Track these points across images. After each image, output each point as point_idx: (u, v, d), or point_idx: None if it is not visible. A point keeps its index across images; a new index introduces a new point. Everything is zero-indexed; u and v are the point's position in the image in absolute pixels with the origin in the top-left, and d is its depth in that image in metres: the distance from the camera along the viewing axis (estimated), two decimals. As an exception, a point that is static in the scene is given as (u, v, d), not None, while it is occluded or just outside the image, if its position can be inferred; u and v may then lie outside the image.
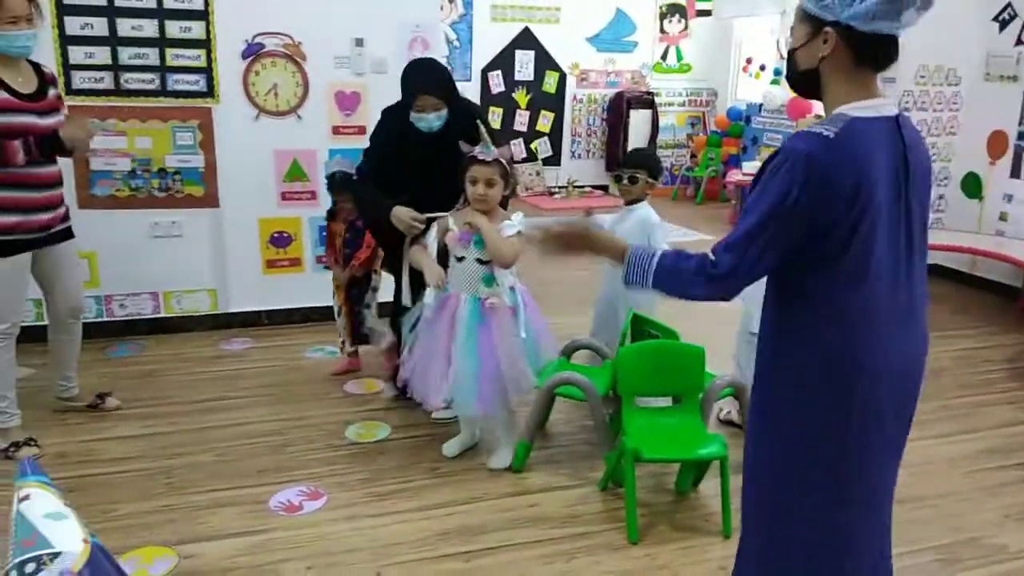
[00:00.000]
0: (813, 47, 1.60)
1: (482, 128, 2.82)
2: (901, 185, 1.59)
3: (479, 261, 2.88)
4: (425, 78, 3.12)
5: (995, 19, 5.55)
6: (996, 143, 5.64)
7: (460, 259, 2.92)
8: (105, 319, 4.37)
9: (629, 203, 3.43)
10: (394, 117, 3.23)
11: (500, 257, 2.82)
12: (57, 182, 3.14)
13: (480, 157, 2.80)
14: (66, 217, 3.24)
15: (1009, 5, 5.46)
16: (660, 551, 2.61)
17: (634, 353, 2.92)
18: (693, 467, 2.92)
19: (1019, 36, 5.41)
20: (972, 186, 5.88)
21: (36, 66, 3.07)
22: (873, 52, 1.56)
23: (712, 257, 1.59)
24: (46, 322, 3.37)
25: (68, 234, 3.25)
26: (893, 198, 1.58)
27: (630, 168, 3.40)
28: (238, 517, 2.74)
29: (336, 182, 3.76)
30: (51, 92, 3.09)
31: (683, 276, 1.63)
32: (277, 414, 3.53)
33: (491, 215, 2.88)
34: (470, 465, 3.13)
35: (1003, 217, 5.61)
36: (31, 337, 3.43)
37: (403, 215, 3.09)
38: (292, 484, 2.94)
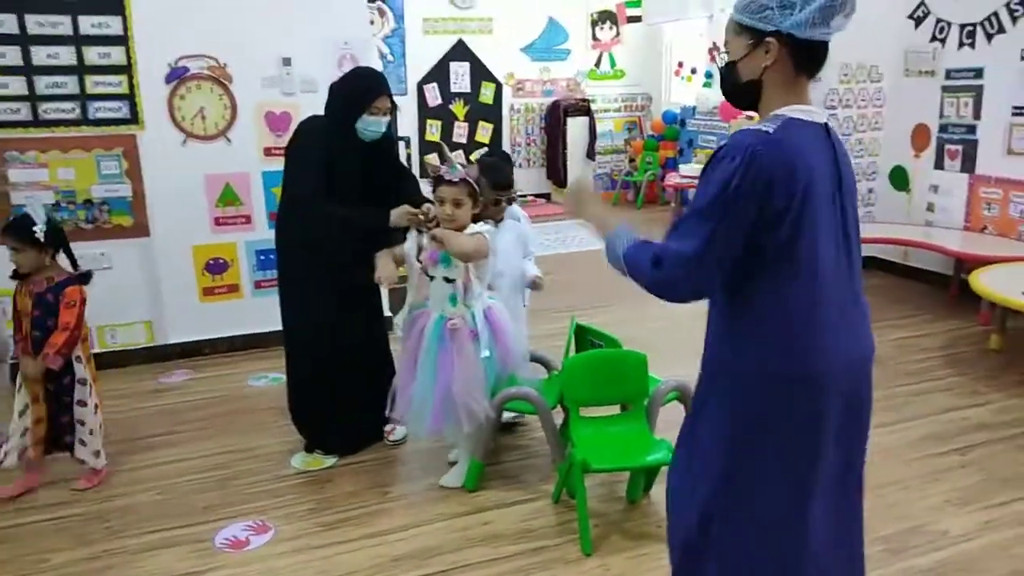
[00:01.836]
0: (755, 58, 1.64)
1: (445, 148, 2.82)
2: (836, 189, 1.64)
3: (445, 279, 2.86)
4: (380, 81, 3.09)
5: (910, 16, 5.75)
6: (919, 136, 5.83)
7: (432, 278, 2.91)
8: (35, 358, 4.19)
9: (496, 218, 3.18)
10: (325, 130, 3.09)
11: (459, 249, 2.75)
12: None
13: (447, 177, 2.78)
14: None
15: (922, 3, 5.66)
16: (615, 561, 2.60)
17: (578, 364, 2.92)
18: (643, 474, 2.93)
19: (933, 32, 5.61)
20: (899, 179, 6.06)
21: None
22: (810, 58, 1.62)
23: (661, 246, 1.62)
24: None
25: None
26: (830, 200, 1.62)
27: (510, 188, 3.20)
28: (181, 558, 2.64)
29: (53, 228, 2.94)
30: None
31: (641, 264, 1.65)
32: (221, 447, 3.43)
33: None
34: (421, 487, 3.09)
35: (930, 208, 5.80)
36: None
37: (403, 211, 3.00)
38: (238, 519, 2.86)
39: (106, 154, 4.13)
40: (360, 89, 3.05)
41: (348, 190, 3.07)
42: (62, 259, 3.03)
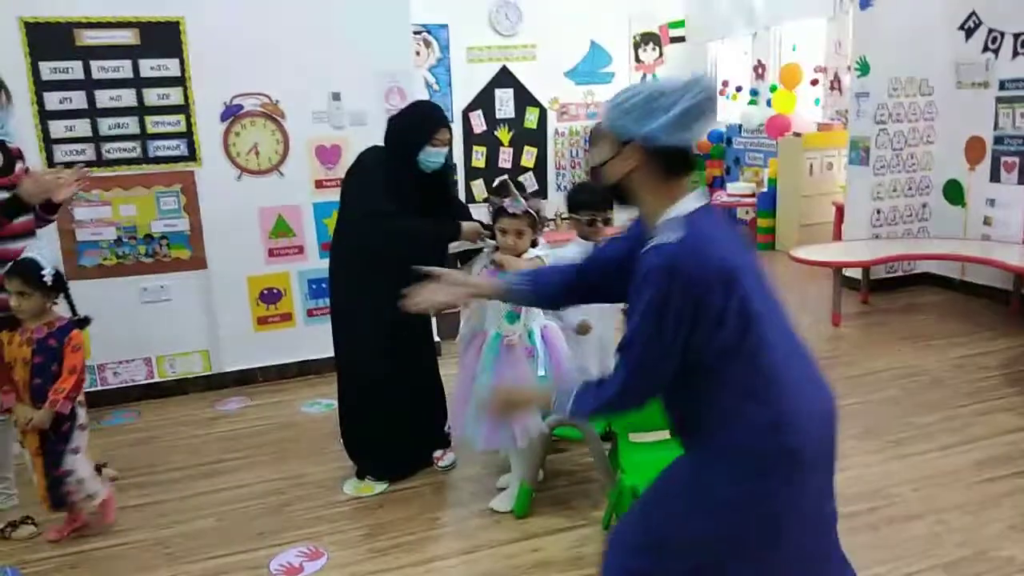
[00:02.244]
0: (618, 162, 1.69)
1: (510, 184, 2.91)
2: (751, 254, 1.71)
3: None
4: (441, 114, 3.23)
5: (961, 27, 5.64)
6: (973, 149, 5.70)
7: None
8: (99, 388, 4.35)
9: (592, 239, 3.22)
10: (386, 160, 3.18)
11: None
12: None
13: (510, 210, 2.90)
14: None
15: (973, 13, 5.55)
16: (666, 588, 2.57)
17: (626, 389, 2.91)
18: (694, 499, 2.90)
19: (985, 43, 5.49)
20: (954, 193, 5.92)
21: (1, 144, 3.02)
22: (673, 162, 1.66)
23: (609, 390, 1.67)
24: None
25: None
26: (752, 270, 1.67)
27: (602, 210, 3.18)
28: (239, 584, 2.71)
29: (57, 273, 2.91)
30: (18, 167, 3.09)
31: (601, 407, 1.71)
32: (275, 473, 3.50)
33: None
34: (470, 513, 3.11)
35: (987, 221, 5.64)
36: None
37: (474, 227, 3.15)
38: (292, 545, 2.92)
39: (165, 190, 4.30)
40: (422, 122, 3.16)
41: (406, 211, 3.16)
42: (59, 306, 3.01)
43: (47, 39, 3.99)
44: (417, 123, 3.16)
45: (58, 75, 4.04)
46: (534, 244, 3.04)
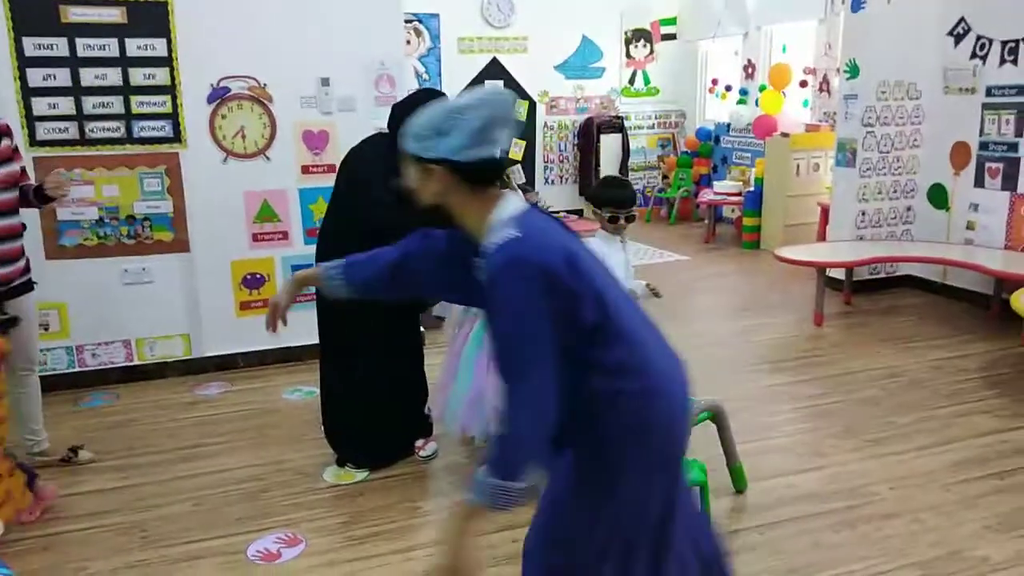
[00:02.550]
0: (427, 184, 1.70)
1: (510, 178, 2.89)
2: (582, 243, 1.73)
3: None
4: (436, 98, 3.17)
5: (949, 33, 5.68)
6: (959, 154, 5.75)
7: None
8: (77, 369, 4.31)
9: (617, 235, 3.30)
10: (391, 146, 3.15)
11: None
12: (16, 235, 3.11)
13: None
14: (27, 270, 3.21)
15: (962, 20, 5.59)
16: (644, 581, 2.58)
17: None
18: (674, 494, 2.91)
19: (973, 49, 5.53)
20: (938, 197, 5.97)
21: None
22: (480, 175, 1.67)
23: (512, 420, 1.58)
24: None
25: (28, 287, 3.21)
26: (590, 254, 1.71)
27: (627, 207, 3.26)
28: (215, 570, 2.69)
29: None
30: (4, 143, 3.07)
31: (510, 452, 1.58)
32: (255, 459, 3.48)
33: None
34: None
35: (970, 226, 5.69)
36: None
37: None
38: (270, 531, 2.90)
39: (149, 172, 4.25)
40: (418, 108, 3.12)
41: (410, 200, 3.14)
42: None
43: (31, 14, 3.93)
44: (415, 108, 3.13)
45: (42, 51, 3.98)
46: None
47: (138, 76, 4.14)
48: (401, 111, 3.22)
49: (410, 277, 1.91)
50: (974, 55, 5.54)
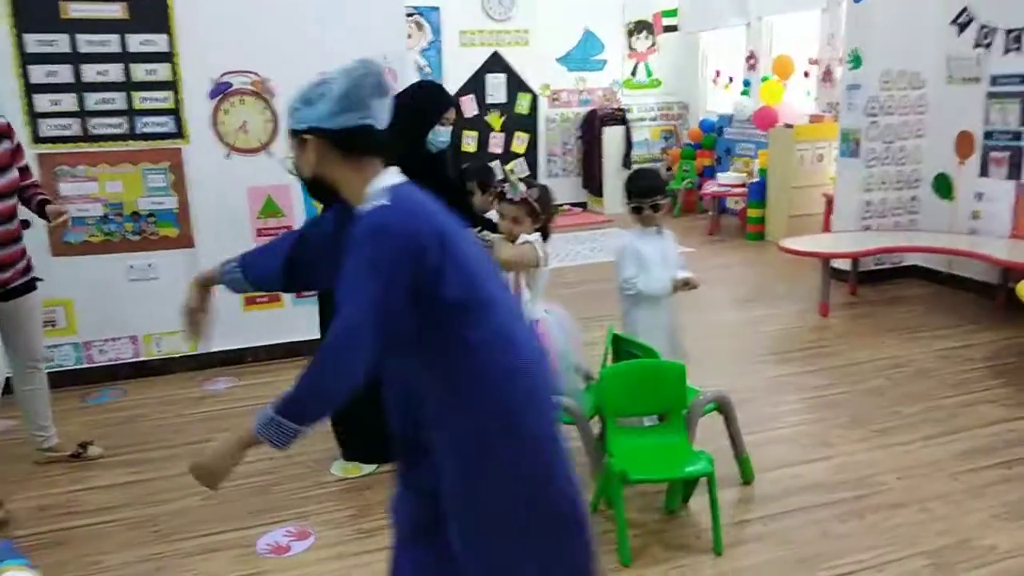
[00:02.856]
0: (304, 156, 1.72)
1: (508, 173, 2.93)
2: (461, 226, 1.76)
3: None
4: (448, 94, 3.28)
5: (953, 22, 5.65)
6: (963, 143, 5.73)
7: None
8: (85, 366, 4.32)
9: (650, 226, 3.33)
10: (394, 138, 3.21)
11: (498, 256, 2.92)
12: (13, 240, 3.09)
13: (509, 196, 2.96)
14: (27, 270, 3.20)
15: (966, 9, 5.57)
16: (652, 572, 2.59)
17: (615, 374, 2.92)
18: (681, 485, 2.92)
19: (977, 38, 5.51)
20: (943, 187, 5.95)
21: None
22: (353, 142, 1.69)
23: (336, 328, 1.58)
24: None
25: (29, 287, 3.20)
26: (466, 237, 1.74)
27: (648, 196, 3.29)
28: (226, 563, 2.70)
29: None
30: (4, 146, 3.04)
31: (314, 368, 1.59)
32: (264, 453, 3.41)
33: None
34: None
35: (975, 215, 5.68)
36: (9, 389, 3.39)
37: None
38: (279, 524, 2.91)
39: (153, 167, 4.25)
40: (432, 102, 3.20)
41: None
42: None
43: (32, 11, 3.93)
44: (427, 103, 3.19)
45: (44, 48, 3.98)
46: (544, 232, 3.06)
47: (140, 72, 4.14)
48: (405, 103, 3.23)
49: (306, 268, 1.90)
50: (978, 44, 5.52)
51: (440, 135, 3.16)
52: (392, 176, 1.73)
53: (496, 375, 1.70)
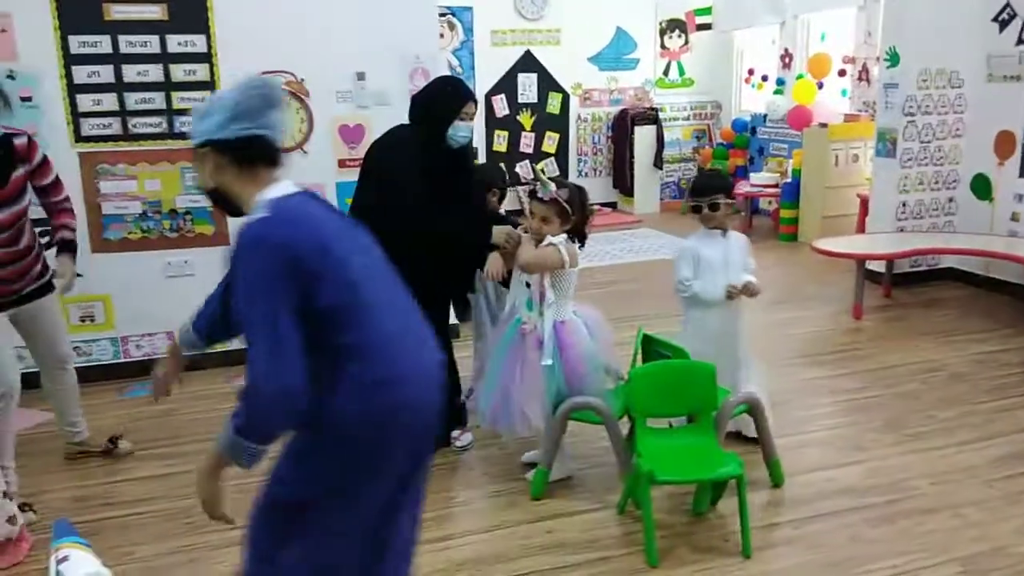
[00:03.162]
0: (202, 168, 1.78)
1: (538, 172, 2.95)
2: (356, 234, 1.80)
3: (526, 284, 3.02)
4: (467, 88, 3.28)
5: (995, 19, 5.54)
6: (1003, 143, 5.61)
7: (524, 283, 3.08)
8: (122, 360, 4.42)
9: (715, 228, 3.28)
10: (416, 139, 3.17)
11: (520, 258, 2.97)
12: (23, 256, 3.02)
13: (539, 195, 2.96)
14: (41, 275, 3.15)
15: (1008, 5, 5.45)
16: (680, 573, 2.59)
17: (645, 374, 2.92)
18: (710, 487, 2.90)
19: (1019, 36, 5.39)
20: (981, 188, 5.84)
21: (7, 144, 2.89)
22: (244, 153, 1.72)
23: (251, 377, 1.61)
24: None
25: (45, 290, 3.16)
26: (355, 246, 1.75)
27: (704, 195, 3.24)
28: (257, 555, 2.74)
29: None
30: (17, 172, 2.92)
31: (246, 409, 1.64)
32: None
33: None
34: (485, 493, 3.13)
35: (1015, 217, 5.56)
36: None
37: (503, 231, 3.16)
38: (310, 519, 2.94)
39: (190, 166, 4.33)
40: (451, 97, 3.18)
41: (439, 196, 3.16)
42: None
43: (76, 12, 4.02)
44: (446, 98, 3.18)
45: (86, 49, 4.07)
46: (581, 235, 3.06)
47: (179, 72, 4.22)
48: (423, 99, 3.25)
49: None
50: (1020, 41, 5.40)
51: (460, 130, 3.14)
52: (282, 187, 1.76)
53: (356, 385, 1.68)
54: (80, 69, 4.08)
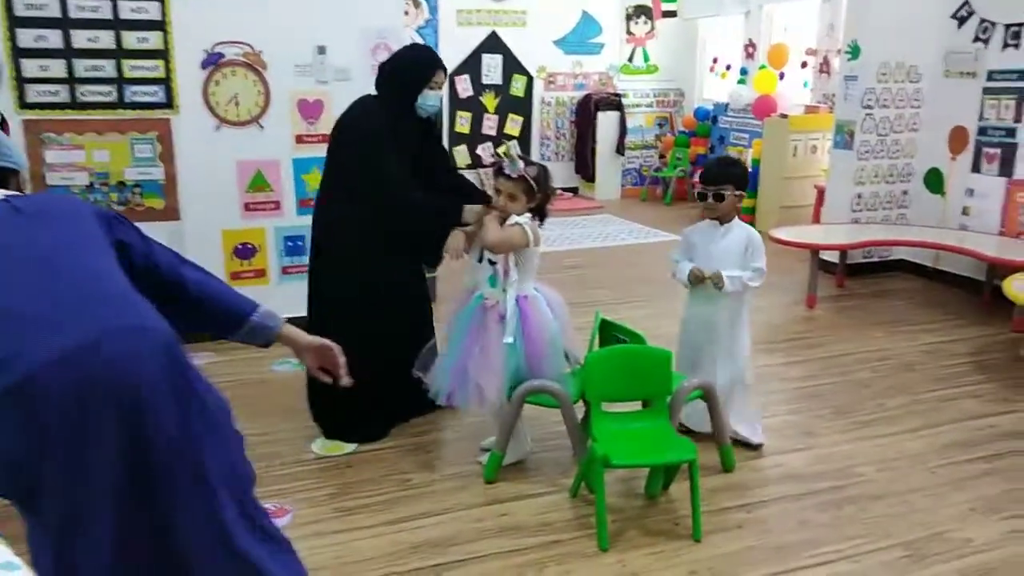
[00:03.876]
0: None
1: (511, 148, 2.89)
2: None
3: (489, 261, 3.00)
4: (437, 56, 3.23)
5: (953, 16, 5.63)
6: (957, 138, 5.72)
7: (480, 259, 3.04)
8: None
9: (716, 219, 3.21)
10: (384, 110, 3.13)
11: (485, 237, 2.93)
12: None
13: (507, 172, 2.90)
14: None
15: (966, 3, 5.55)
16: (631, 557, 2.60)
17: (601, 359, 2.91)
18: (662, 471, 2.92)
19: (976, 33, 5.49)
20: (934, 181, 5.95)
21: None
22: None
23: None
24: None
25: None
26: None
27: (713, 184, 3.16)
28: (203, 537, 2.68)
29: None
30: None
31: None
32: (243, 430, 3.42)
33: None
34: (441, 476, 3.11)
35: (965, 211, 5.69)
36: None
37: (477, 211, 3.06)
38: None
39: (141, 137, 4.19)
40: (420, 65, 3.15)
41: (406, 167, 3.13)
42: None
43: (22, -27, 3.86)
44: (415, 66, 3.15)
45: (33, 12, 3.91)
46: (541, 213, 3.03)
47: (131, 39, 4.07)
48: (392, 68, 3.21)
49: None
50: (977, 39, 5.50)
51: (428, 99, 3.11)
52: None
53: None
54: (25, 32, 3.91)
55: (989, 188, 5.49)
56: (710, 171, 3.21)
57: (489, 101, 9.12)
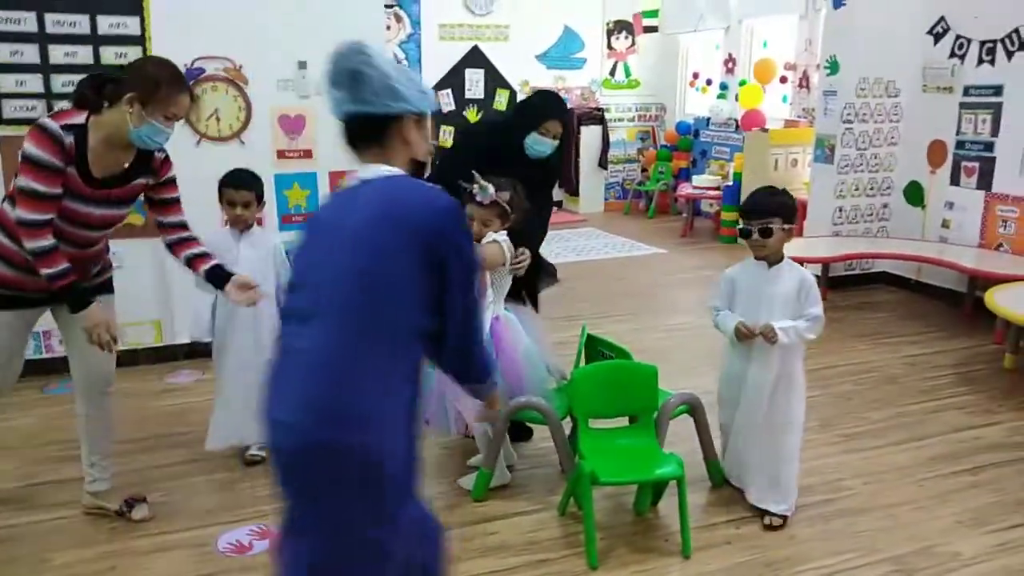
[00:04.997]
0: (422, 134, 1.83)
1: (476, 175, 2.84)
2: None
3: None
4: (557, 106, 3.32)
5: (929, 32, 5.71)
6: (936, 152, 5.79)
7: None
8: (44, 356, 4.21)
9: (762, 258, 2.81)
10: (486, 136, 3.40)
11: None
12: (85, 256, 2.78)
13: (478, 199, 2.85)
14: (100, 272, 2.90)
15: (942, 19, 5.62)
16: (620, 575, 2.57)
17: (587, 375, 2.90)
18: (650, 487, 2.90)
19: (953, 49, 5.57)
20: (914, 195, 6.01)
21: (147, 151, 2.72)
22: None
23: None
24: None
25: (102, 289, 2.88)
26: None
27: (758, 217, 2.71)
28: (184, 561, 2.63)
29: None
30: (138, 181, 2.79)
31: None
32: (226, 449, 3.41)
33: None
34: (428, 495, 3.06)
35: (945, 224, 5.74)
36: None
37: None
38: (242, 523, 2.84)
39: (120, 153, 4.13)
40: (538, 108, 3.28)
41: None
42: None
43: (-2, -12, 3.81)
44: (533, 108, 3.30)
45: (9, 26, 3.86)
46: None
47: (109, 54, 4.03)
48: (520, 102, 3.51)
49: None
50: (952, 54, 5.58)
51: (537, 143, 3.17)
52: None
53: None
54: (1, 47, 3.87)
55: (968, 201, 5.55)
56: (754, 202, 2.75)
57: (472, 116, 9.12)
